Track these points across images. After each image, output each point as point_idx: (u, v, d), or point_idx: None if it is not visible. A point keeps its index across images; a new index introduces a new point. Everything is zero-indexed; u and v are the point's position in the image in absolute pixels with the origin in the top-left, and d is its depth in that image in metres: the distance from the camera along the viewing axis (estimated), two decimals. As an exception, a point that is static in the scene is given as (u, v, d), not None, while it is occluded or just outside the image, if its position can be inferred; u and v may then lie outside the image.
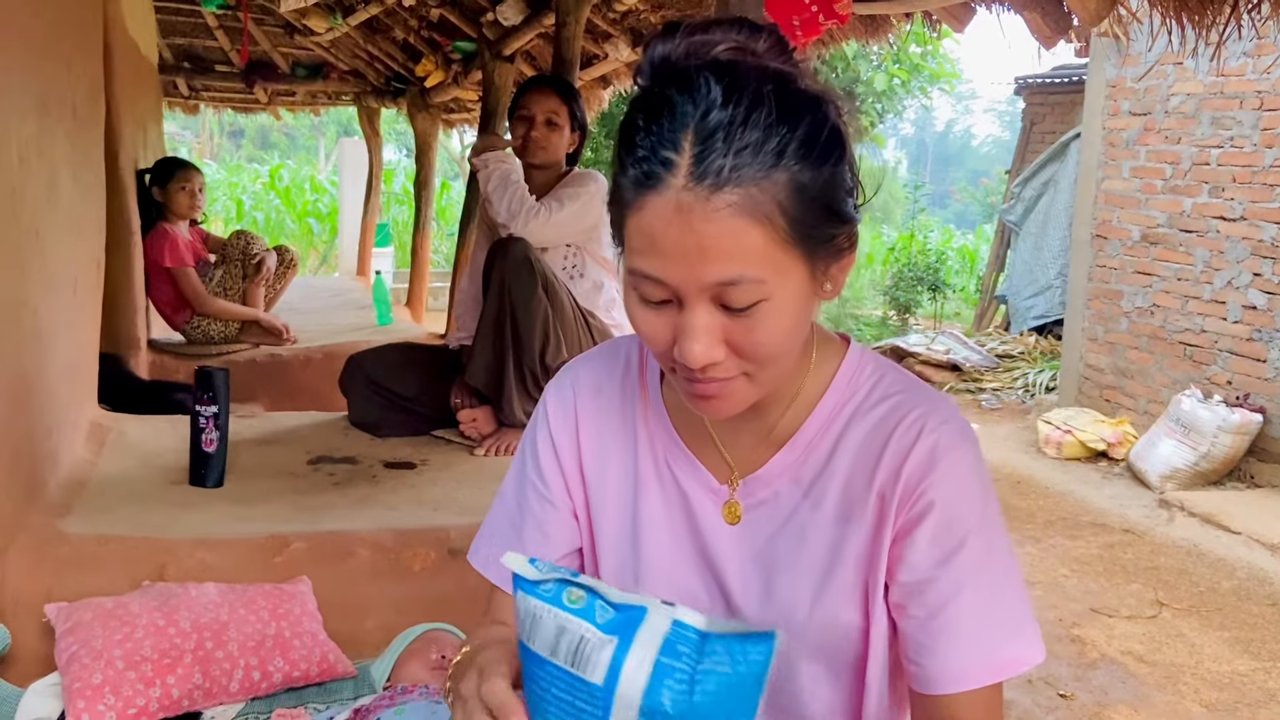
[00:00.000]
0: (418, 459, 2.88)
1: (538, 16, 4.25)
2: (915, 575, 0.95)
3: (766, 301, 0.85)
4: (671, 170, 0.82)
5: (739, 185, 0.81)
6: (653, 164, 0.83)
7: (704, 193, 0.81)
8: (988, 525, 0.97)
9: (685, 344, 0.86)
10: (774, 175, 0.82)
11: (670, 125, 0.83)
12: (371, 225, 8.60)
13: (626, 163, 0.86)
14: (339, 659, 1.96)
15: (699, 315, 0.85)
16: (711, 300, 0.85)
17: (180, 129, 20.22)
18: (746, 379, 0.90)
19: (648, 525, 1.05)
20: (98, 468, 2.64)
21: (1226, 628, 3.77)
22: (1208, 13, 2.18)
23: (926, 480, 0.95)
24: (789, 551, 1.00)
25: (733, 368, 0.89)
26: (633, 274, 0.88)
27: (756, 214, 0.82)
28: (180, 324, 4.56)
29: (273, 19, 6.24)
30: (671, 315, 0.88)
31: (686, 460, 1.04)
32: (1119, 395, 6.54)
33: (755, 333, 0.86)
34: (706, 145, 0.81)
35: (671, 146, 0.82)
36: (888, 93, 12.40)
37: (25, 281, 2.23)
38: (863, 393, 1.01)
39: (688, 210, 0.82)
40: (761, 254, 0.83)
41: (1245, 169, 5.66)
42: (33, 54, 2.28)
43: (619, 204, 0.88)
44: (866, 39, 3.54)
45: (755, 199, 0.82)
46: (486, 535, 1.13)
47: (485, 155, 3.04)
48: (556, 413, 1.10)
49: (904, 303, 11.50)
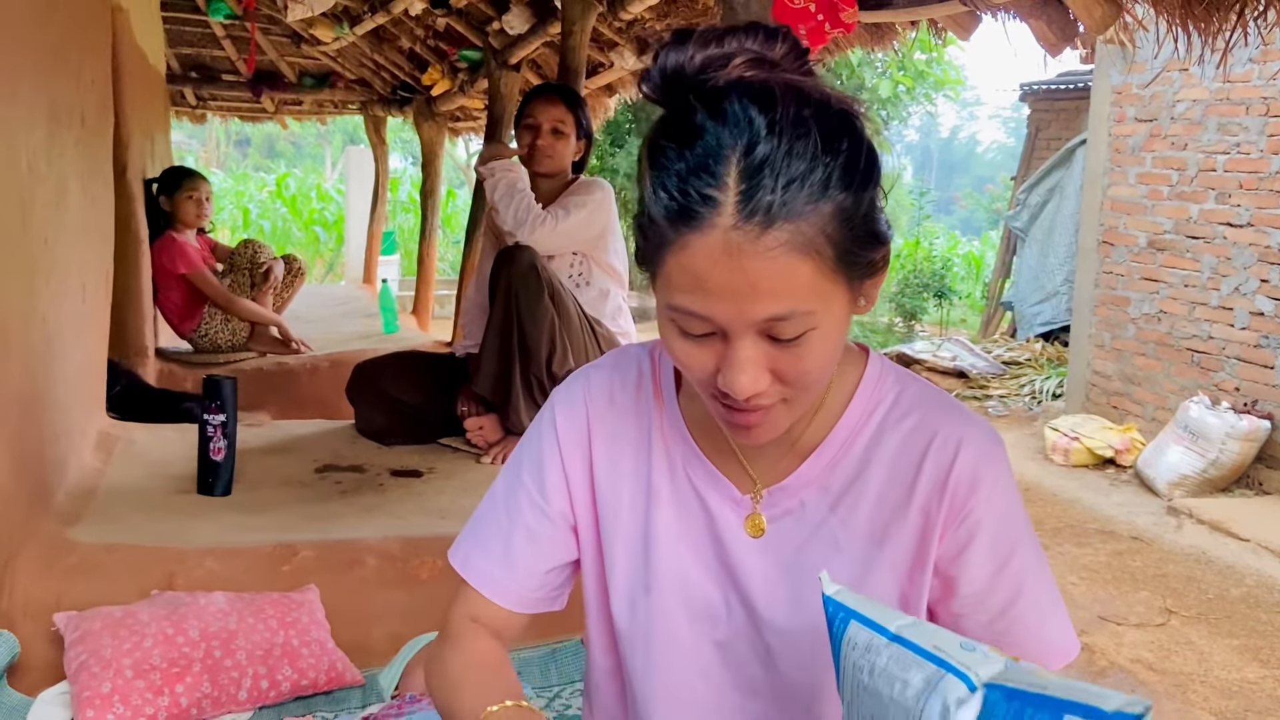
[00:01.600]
0: (424, 467, 2.88)
1: (543, 25, 4.26)
2: (974, 588, 0.98)
3: (814, 330, 0.84)
4: (716, 209, 0.79)
5: (789, 220, 0.79)
6: (692, 201, 0.80)
7: (753, 231, 0.78)
8: (1029, 528, 1.00)
9: (731, 376, 0.85)
10: (820, 206, 0.80)
11: (711, 158, 0.80)
12: (378, 233, 8.62)
13: (659, 191, 0.82)
14: (347, 668, 1.96)
15: (746, 348, 0.84)
16: (758, 334, 0.84)
17: (187, 138, 20.28)
18: (785, 404, 0.90)
19: (661, 535, 1.04)
20: (106, 476, 2.65)
21: (1235, 635, 3.75)
22: (1214, 19, 2.18)
23: (974, 498, 0.97)
24: (818, 562, 0.99)
25: (775, 395, 0.88)
26: (674, 310, 0.85)
27: (807, 249, 0.80)
28: (188, 332, 4.57)
29: (279, 29, 6.27)
30: (715, 346, 0.86)
31: (707, 471, 1.03)
32: (1126, 402, 6.53)
33: (802, 361, 0.86)
34: (753, 182, 0.78)
35: (714, 182, 0.79)
36: (893, 99, 12.41)
37: (34, 290, 2.24)
38: (888, 402, 1.01)
39: (737, 250, 0.79)
40: (810, 287, 0.82)
41: (1252, 175, 5.65)
42: (41, 64, 2.29)
43: (655, 239, 0.84)
44: (871, 46, 3.54)
45: (804, 233, 0.80)
46: (470, 535, 1.11)
47: (492, 164, 3.04)
48: (566, 422, 1.07)
49: (910, 309, 11.49)
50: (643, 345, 1.11)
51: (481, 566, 1.08)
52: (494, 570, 1.08)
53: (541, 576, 1.08)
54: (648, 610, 1.04)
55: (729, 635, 1.03)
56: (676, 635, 1.04)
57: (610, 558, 1.07)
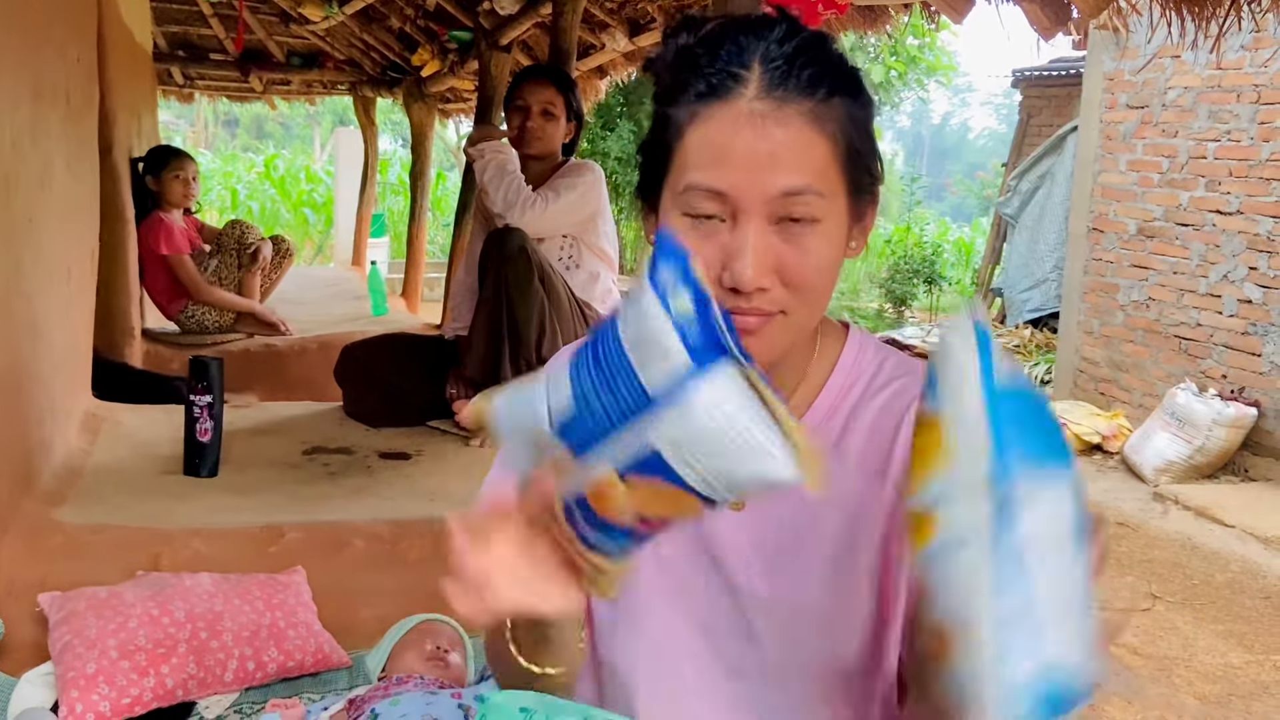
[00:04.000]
0: (413, 449, 2.87)
1: (535, 6, 4.23)
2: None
3: (820, 223, 0.87)
4: (742, 83, 0.85)
5: (808, 99, 0.85)
6: (722, 78, 0.86)
7: (776, 102, 0.84)
8: None
9: (738, 264, 0.85)
10: (833, 100, 0.87)
11: (737, 51, 0.86)
12: (367, 216, 8.58)
13: (686, 85, 0.88)
14: (334, 649, 1.96)
15: (754, 233, 0.85)
16: (768, 219, 0.86)
17: (175, 118, 20.12)
18: (783, 318, 0.89)
19: None
20: (92, 457, 2.64)
21: (1220, 621, 3.78)
22: (1207, 4, 2.18)
23: None
24: (796, 538, 0.99)
25: (776, 300, 0.88)
26: (689, 190, 0.87)
27: (824, 128, 0.86)
28: (175, 313, 4.54)
29: (268, 7, 6.21)
30: (721, 238, 0.87)
31: None
32: (1114, 388, 6.55)
33: (807, 255, 0.87)
34: (777, 65, 0.85)
35: (740, 65, 0.86)
36: (884, 85, 12.40)
37: (18, 269, 2.22)
38: (868, 375, 1.01)
39: (760, 116, 0.84)
40: (824, 169, 0.86)
41: (1242, 163, 5.66)
42: (26, 41, 2.27)
43: (670, 126, 0.89)
44: (864, 30, 3.53)
45: (821, 114, 0.86)
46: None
47: (481, 145, 3.03)
48: None
49: (900, 295, 11.51)
50: None
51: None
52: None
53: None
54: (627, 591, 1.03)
55: (710, 615, 1.02)
56: (657, 615, 1.03)
57: None
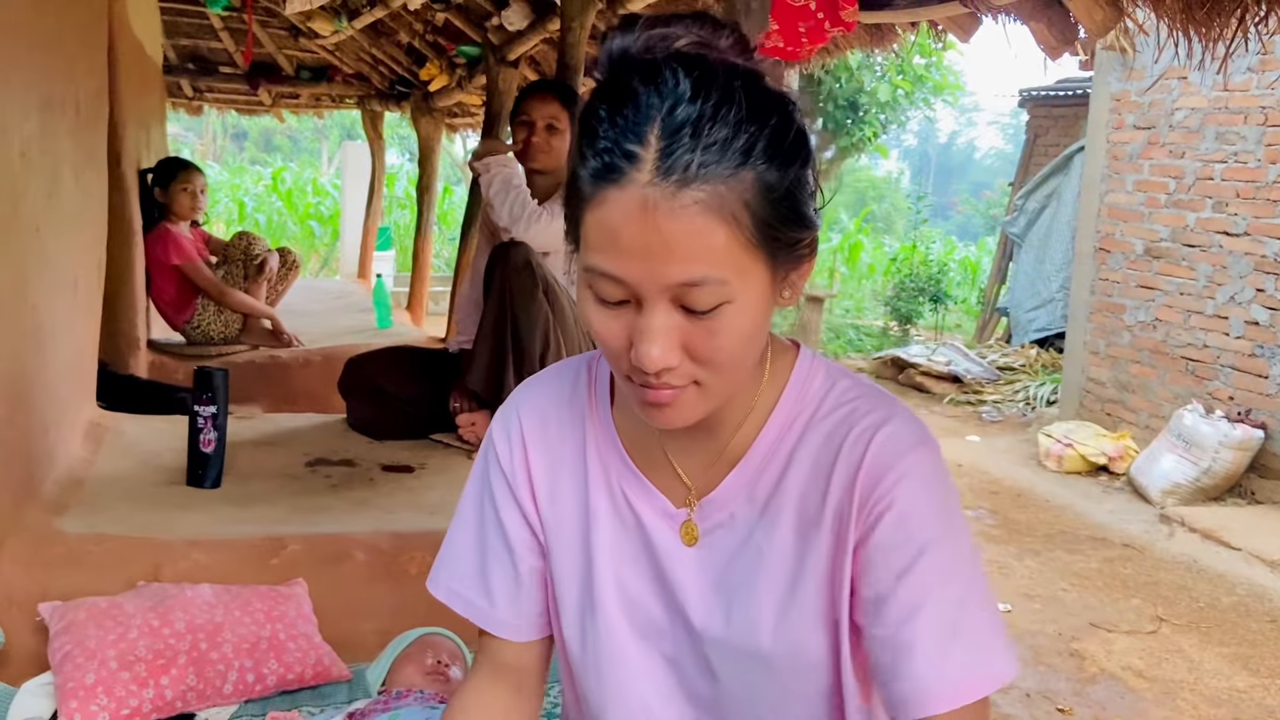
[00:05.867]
0: (416, 462, 2.87)
1: (542, 21, 4.25)
2: (874, 590, 0.90)
3: (729, 304, 0.82)
4: (635, 164, 0.79)
5: (706, 182, 0.78)
6: (615, 157, 0.79)
7: (670, 189, 0.78)
8: (950, 535, 0.90)
9: (642, 346, 0.83)
10: (741, 174, 0.79)
11: (635, 117, 0.80)
12: (373, 229, 8.61)
13: (586, 154, 0.82)
14: (334, 662, 1.95)
15: (658, 316, 0.82)
16: (671, 302, 0.82)
17: (184, 130, 20.25)
18: (697, 388, 0.87)
19: (602, 553, 1.01)
20: (95, 467, 2.63)
21: (1226, 644, 3.75)
22: (1214, 24, 2.18)
23: (880, 487, 0.90)
24: (748, 574, 0.96)
25: (687, 374, 0.85)
26: (589, 271, 0.84)
27: (723, 212, 0.79)
28: (180, 324, 4.55)
29: (277, 21, 6.24)
30: (629, 317, 0.84)
31: (639, 484, 1.00)
32: (1120, 409, 6.53)
33: (716, 336, 0.83)
34: (674, 140, 0.78)
35: (636, 139, 0.79)
36: (891, 103, 12.41)
37: (25, 279, 2.23)
38: (813, 404, 0.97)
39: (652, 207, 0.78)
40: (725, 254, 0.80)
41: (1249, 184, 5.66)
42: (37, 51, 2.28)
43: (576, 198, 0.84)
44: (871, 48, 3.54)
45: (722, 196, 0.79)
46: (446, 563, 1.09)
47: (487, 160, 3.03)
48: (504, 451, 1.06)
49: (905, 313, 11.49)
50: (583, 356, 1.09)
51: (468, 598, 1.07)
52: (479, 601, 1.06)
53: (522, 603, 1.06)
54: (594, 629, 1.02)
55: (674, 650, 1.01)
56: (625, 653, 1.01)
57: (558, 579, 1.04)
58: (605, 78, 0.85)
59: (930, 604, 0.87)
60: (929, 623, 0.87)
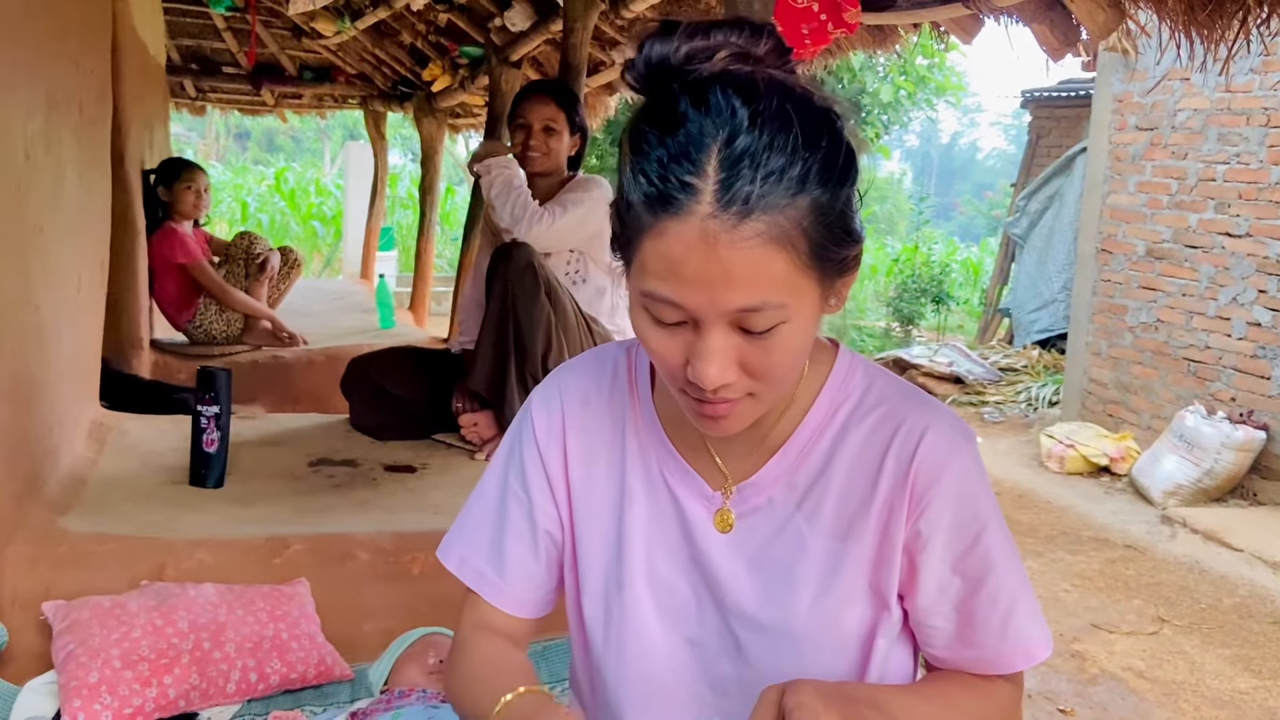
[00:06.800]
0: (418, 463, 2.87)
1: (545, 22, 4.26)
2: (935, 576, 0.98)
3: (785, 325, 0.85)
4: (695, 196, 0.79)
5: (765, 212, 0.79)
6: (672, 187, 0.80)
7: (730, 220, 0.79)
8: (997, 518, 0.99)
9: (700, 366, 0.85)
10: (797, 200, 0.81)
11: (692, 146, 0.80)
12: (376, 229, 8.61)
13: (638, 177, 0.83)
14: (336, 662, 1.96)
15: (716, 338, 0.84)
16: (729, 324, 0.84)
17: (187, 130, 20.26)
18: (751, 399, 0.90)
19: (634, 532, 1.04)
20: (98, 466, 2.64)
21: (1228, 645, 3.75)
22: (1216, 25, 2.18)
23: (935, 487, 0.97)
24: (786, 556, 1.00)
25: (742, 388, 0.88)
26: (648, 296, 0.85)
27: (782, 241, 0.81)
28: (183, 324, 4.56)
29: (281, 21, 6.25)
30: (685, 336, 0.86)
31: (679, 466, 1.04)
32: (1122, 410, 6.53)
33: (771, 353, 0.86)
34: (733, 171, 0.79)
35: (693, 170, 0.80)
36: (893, 104, 12.43)
37: (29, 279, 2.23)
38: (855, 397, 1.01)
39: (713, 239, 0.79)
40: (784, 281, 0.82)
41: (1251, 185, 5.66)
42: (41, 52, 2.28)
43: (632, 224, 0.85)
44: (874, 49, 3.54)
45: (781, 226, 0.80)
46: (462, 534, 1.12)
47: (488, 161, 3.03)
48: (543, 424, 1.09)
49: (907, 314, 11.50)
50: (620, 344, 1.12)
51: (479, 569, 1.09)
52: (490, 574, 1.09)
53: (535, 579, 1.09)
54: (620, 607, 1.05)
55: (699, 632, 1.03)
56: (648, 632, 1.04)
57: (584, 556, 1.07)
58: (649, 94, 0.86)
59: (990, 581, 0.98)
60: (988, 600, 0.98)
